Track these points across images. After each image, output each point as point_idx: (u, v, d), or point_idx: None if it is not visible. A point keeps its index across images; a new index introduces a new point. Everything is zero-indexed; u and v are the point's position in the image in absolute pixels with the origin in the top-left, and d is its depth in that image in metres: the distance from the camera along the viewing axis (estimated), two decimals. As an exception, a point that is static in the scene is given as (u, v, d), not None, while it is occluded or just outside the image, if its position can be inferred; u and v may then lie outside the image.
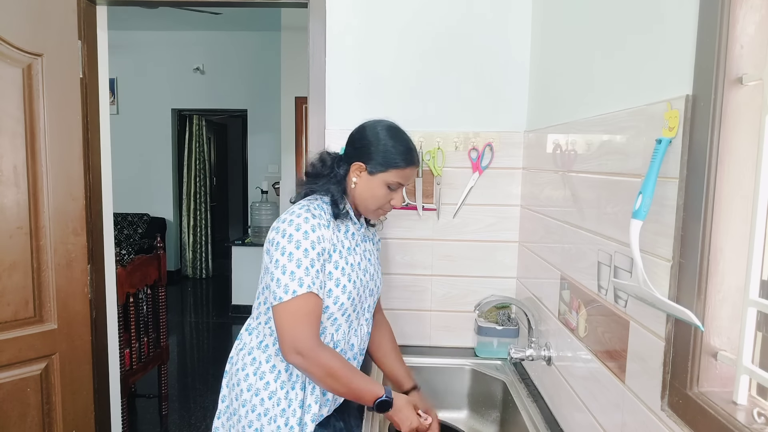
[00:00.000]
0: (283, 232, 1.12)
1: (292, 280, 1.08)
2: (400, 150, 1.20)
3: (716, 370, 0.72)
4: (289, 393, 1.17)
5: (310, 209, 1.16)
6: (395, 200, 1.24)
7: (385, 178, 1.20)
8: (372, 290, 1.30)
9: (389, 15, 1.71)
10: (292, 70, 4.35)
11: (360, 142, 1.23)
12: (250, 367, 1.20)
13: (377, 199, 1.22)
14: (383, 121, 1.26)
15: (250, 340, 1.24)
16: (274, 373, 1.19)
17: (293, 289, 1.08)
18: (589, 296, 1.10)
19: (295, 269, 1.09)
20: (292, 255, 1.10)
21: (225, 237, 6.96)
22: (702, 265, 0.71)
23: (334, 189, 1.22)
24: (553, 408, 1.34)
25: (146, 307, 2.78)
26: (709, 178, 0.69)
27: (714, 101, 0.68)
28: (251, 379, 1.19)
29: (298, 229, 1.11)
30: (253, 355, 1.21)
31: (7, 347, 1.57)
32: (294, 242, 1.10)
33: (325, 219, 1.17)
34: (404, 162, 1.20)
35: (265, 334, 1.22)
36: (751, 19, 0.66)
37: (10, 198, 1.56)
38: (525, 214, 1.69)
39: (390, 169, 1.20)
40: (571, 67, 1.30)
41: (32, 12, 1.56)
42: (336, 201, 1.21)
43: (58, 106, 1.63)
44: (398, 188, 1.23)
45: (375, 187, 1.21)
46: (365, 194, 1.22)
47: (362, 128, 1.26)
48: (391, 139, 1.21)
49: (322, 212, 1.18)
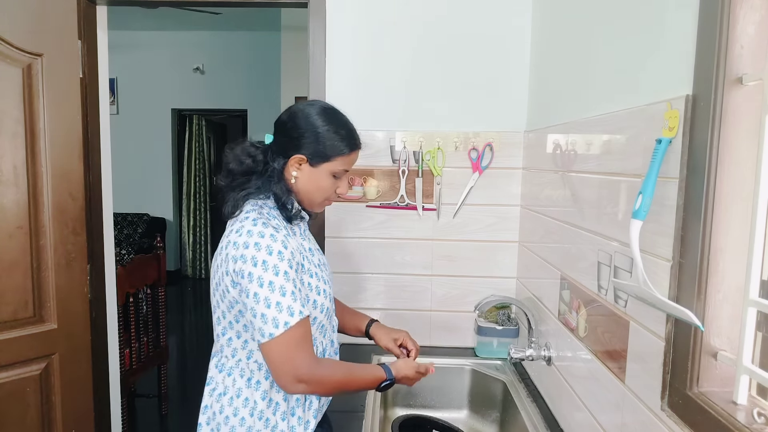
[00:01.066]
0: (253, 259, 0.96)
1: (280, 311, 0.96)
2: (343, 135, 1.08)
3: (716, 370, 0.72)
4: (290, 420, 1.07)
5: (267, 222, 1.01)
6: (341, 188, 1.13)
7: (330, 168, 1.08)
8: (332, 286, 1.19)
9: (389, 15, 1.71)
10: (292, 70, 4.35)
11: (294, 131, 1.08)
12: (244, 410, 1.05)
13: (323, 191, 1.11)
14: (316, 103, 1.13)
15: (232, 382, 1.07)
16: (271, 407, 1.06)
17: (284, 321, 0.96)
18: (589, 296, 1.10)
19: (280, 299, 0.96)
20: (273, 284, 0.96)
21: (225, 237, 6.94)
22: (702, 265, 0.71)
23: (276, 189, 1.08)
24: (553, 408, 1.34)
25: (146, 307, 2.78)
26: (709, 178, 0.69)
27: (714, 101, 0.68)
28: (249, 421, 1.05)
29: (270, 252, 0.97)
30: (243, 396, 1.06)
31: (6, 347, 1.57)
32: (271, 268, 0.96)
33: (282, 227, 1.04)
34: (349, 148, 1.09)
35: (252, 370, 1.07)
36: (751, 19, 0.66)
37: (10, 198, 1.56)
38: (525, 214, 1.69)
39: (334, 157, 1.07)
40: (571, 67, 1.30)
41: (32, 12, 1.56)
42: (284, 203, 1.08)
43: (58, 106, 1.63)
44: (343, 175, 1.12)
45: (320, 179, 1.09)
46: (309, 187, 1.10)
47: (293, 114, 1.11)
48: (330, 124, 1.08)
49: (278, 220, 1.05)
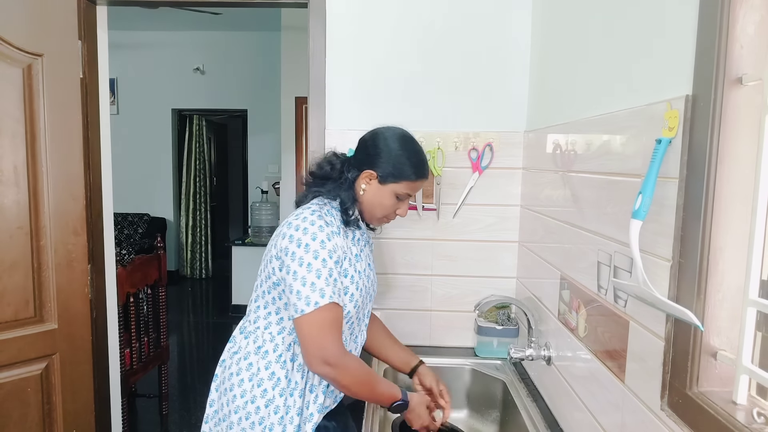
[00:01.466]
0: (298, 241, 1.09)
1: (313, 291, 1.06)
2: (414, 162, 1.19)
3: (716, 370, 0.72)
4: (287, 400, 1.14)
5: (323, 216, 1.13)
6: (401, 210, 1.24)
7: (395, 189, 1.19)
8: (371, 295, 1.30)
9: (389, 15, 1.71)
10: (292, 70, 4.35)
11: (373, 149, 1.20)
12: (246, 373, 1.16)
13: (384, 208, 1.22)
14: (397, 129, 1.24)
15: (246, 344, 1.19)
16: (272, 380, 1.15)
17: (315, 300, 1.05)
18: (589, 296, 1.10)
19: (315, 280, 1.06)
20: (311, 265, 1.07)
21: (225, 237, 6.95)
22: (702, 265, 0.71)
23: (344, 195, 1.19)
24: (552, 408, 1.35)
25: (146, 307, 2.78)
26: (709, 178, 0.69)
27: (714, 101, 0.68)
28: (246, 385, 1.15)
29: (314, 238, 1.08)
30: (249, 360, 1.17)
31: (7, 347, 1.57)
32: (312, 252, 1.07)
33: (335, 226, 1.15)
34: (416, 175, 1.19)
35: (264, 340, 1.18)
36: (751, 19, 0.66)
37: (11, 198, 1.56)
38: (525, 214, 1.69)
39: (401, 180, 1.18)
40: (571, 67, 1.30)
41: (32, 12, 1.57)
42: (347, 208, 1.19)
43: (58, 106, 1.63)
44: (406, 198, 1.22)
45: (384, 196, 1.20)
46: (373, 202, 1.21)
47: (375, 134, 1.23)
48: (405, 150, 1.19)
49: (333, 219, 1.17)
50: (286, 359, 1.17)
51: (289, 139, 4.53)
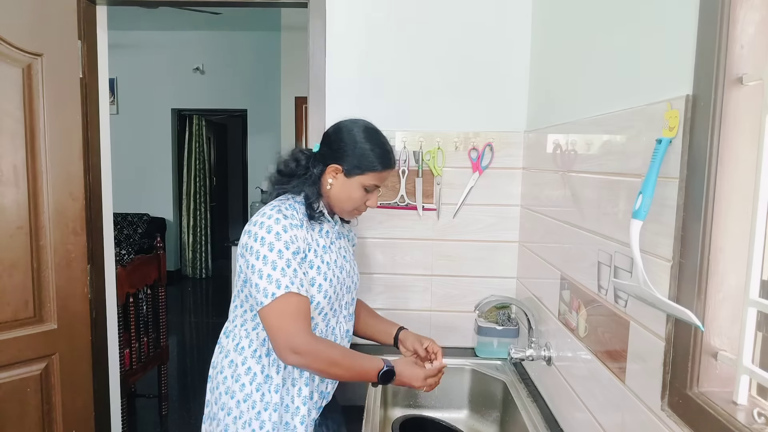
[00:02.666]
0: (254, 235, 1.11)
1: (270, 283, 1.08)
2: (378, 153, 1.19)
3: (716, 370, 0.72)
4: (264, 395, 1.16)
5: (281, 209, 1.15)
6: (371, 201, 1.24)
7: (362, 181, 1.20)
8: (349, 287, 1.30)
9: (389, 15, 1.71)
10: (292, 70, 4.35)
11: (337, 143, 1.21)
12: (228, 370, 1.19)
13: (353, 201, 1.22)
14: (360, 121, 1.25)
15: (227, 343, 1.23)
16: (249, 375, 1.17)
17: (272, 291, 1.07)
18: (589, 296, 1.10)
19: (271, 272, 1.08)
20: (267, 258, 1.09)
21: (225, 237, 6.95)
22: (702, 265, 0.71)
23: (308, 190, 1.20)
24: (553, 408, 1.34)
25: (146, 307, 2.78)
26: (709, 178, 0.69)
27: (714, 101, 0.68)
28: (228, 381, 1.19)
29: (269, 231, 1.10)
30: (230, 357, 1.20)
31: (6, 347, 1.57)
32: (267, 244, 1.09)
33: (297, 219, 1.16)
34: (382, 165, 1.20)
35: (240, 336, 1.21)
36: (751, 19, 0.66)
37: (10, 198, 1.56)
38: (525, 214, 1.69)
39: (367, 171, 1.19)
40: (571, 67, 1.30)
41: (32, 12, 1.56)
42: (311, 203, 1.20)
43: (58, 106, 1.63)
44: (374, 190, 1.23)
45: (351, 189, 1.21)
46: (341, 196, 1.22)
47: (338, 128, 1.24)
48: (368, 142, 1.20)
49: (295, 212, 1.17)
50: (262, 354, 1.18)
51: (289, 139, 4.54)
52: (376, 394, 1.44)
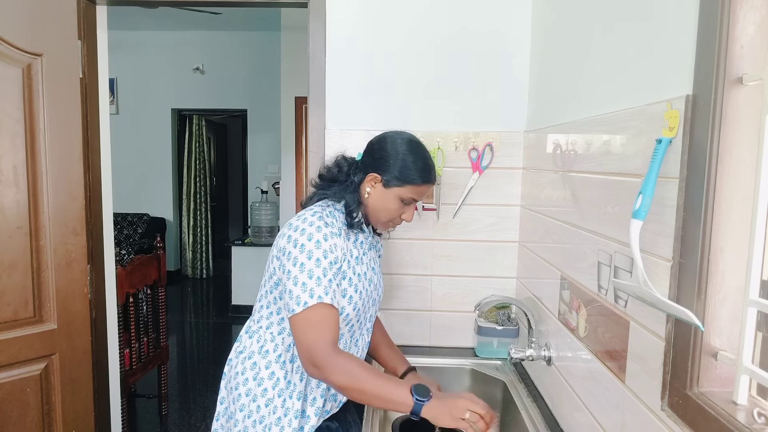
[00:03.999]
0: (294, 241, 1.09)
1: (304, 291, 1.06)
2: (419, 167, 1.18)
3: (716, 370, 0.72)
4: (286, 401, 1.15)
5: (323, 216, 1.13)
6: (406, 215, 1.23)
7: (400, 193, 1.19)
8: (375, 300, 1.29)
9: (389, 15, 1.71)
10: (292, 70, 4.35)
11: (379, 152, 1.20)
12: (250, 372, 1.18)
13: (389, 212, 1.21)
14: (405, 134, 1.24)
15: (250, 344, 1.22)
16: (272, 380, 1.16)
17: (304, 300, 1.05)
18: (589, 296, 1.10)
19: (306, 280, 1.06)
20: (304, 265, 1.07)
21: (225, 237, 6.96)
22: (702, 265, 0.71)
23: (349, 198, 1.20)
24: (553, 408, 1.34)
25: (146, 307, 2.78)
26: (709, 178, 0.69)
27: (714, 101, 0.68)
28: (250, 384, 1.18)
29: (310, 239, 1.09)
30: (253, 359, 1.19)
31: (6, 347, 1.57)
32: (306, 252, 1.08)
33: (337, 227, 1.15)
34: (421, 179, 1.19)
35: (266, 339, 1.20)
36: (751, 19, 0.66)
37: (10, 198, 1.56)
38: (525, 214, 1.69)
39: (406, 184, 1.18)
40: (571, 67, 1.30)
41: (32, 12, 1.56)
42: (351, 210, 1.19)
43: (58, 106, 1.63)
44: (411, 203, 1.22)
45: (388, 200, 1.20)
46: (378, 206, 1.21)
47: (383, 138, 1.23)
48: (411, 155, 1.19)
49: (335, 220, 1.16)
50: (286, 360, 1.17)
51: (288, 139, 4.54)
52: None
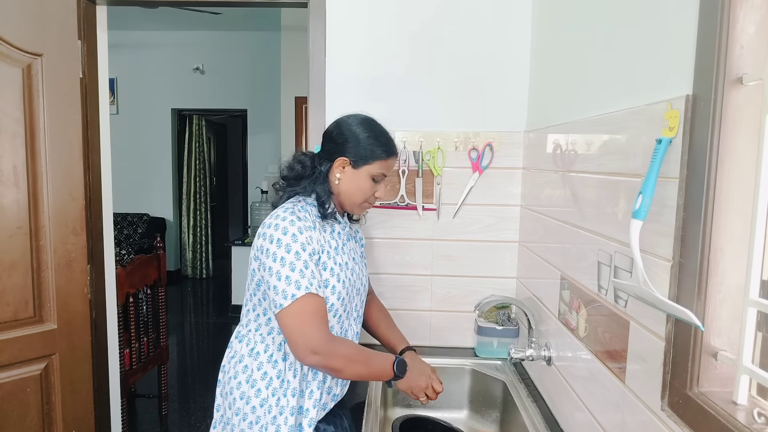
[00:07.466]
0: (270, 237, 1.12)
1: (289, 284, 1.08)
2: (382, 141, 1.23)
3: (716, 370, 0.72)
4: (280, 400, 1.16)
5: (295, 212, 1.16)
6: (379, 192, 1.27)
7: (370, 171, 1.22)
8: (359, 289, 1.31)
9: (389, 15, 1.71)
10: (292, 70, 4.36)
11: (340, 137, 1.24)
12: (242, 375, 1.19)
13: (363, 192, 1.24)
14: (358, 115, 1.28)
15: (240, 348, 1.22)
16: (265, 380, 1.17)
17: (291, 293, 1.07)
18: (589, 296, 1.10)
19: (289, 273, 1.08)
20: (285, 259, 1.09)
21: (225, 237, 6.95)
22: (702, 265, 0.71)
23: (320, 189, 1.22)
24: (553, 408, 1.34)
25: (146, 307, 2.78)
26: (709, 178, 0.69)
27: (714, 101, 0.68)
28: (243, 387, 1.18)
29: (285, 233, 1.11)
30: (244, 363, 1.20)
31: (6, 347, 1.57)
32: (284, 246, 1.10)
33: (310, 221, 1.17)
34: (386, 153, 1.23)
35: (255, 342, 1.21)
36: (751, 19, 0.66)
37: (10, 198, 1.56)
38: (525, 214, 1.69)
39: (374, 160, 1.22)
40: (571, 67, 1.30)
41: (32, 12, 1.56)
42: (323, 201, 1.22)
43: (57, 106, 1.63)
44: (381, 179, 1.26)
45: (360, 180, 1.23)
46: (350, 188, 1.24)
47: (339, 124, 1.27)
48: (371, 132, 1.23)
49: (307, 214, 1.19)
50: (278, 359, 1.18)
51: (289, 139, 4.54)
52: (376, 393, 1.44)
